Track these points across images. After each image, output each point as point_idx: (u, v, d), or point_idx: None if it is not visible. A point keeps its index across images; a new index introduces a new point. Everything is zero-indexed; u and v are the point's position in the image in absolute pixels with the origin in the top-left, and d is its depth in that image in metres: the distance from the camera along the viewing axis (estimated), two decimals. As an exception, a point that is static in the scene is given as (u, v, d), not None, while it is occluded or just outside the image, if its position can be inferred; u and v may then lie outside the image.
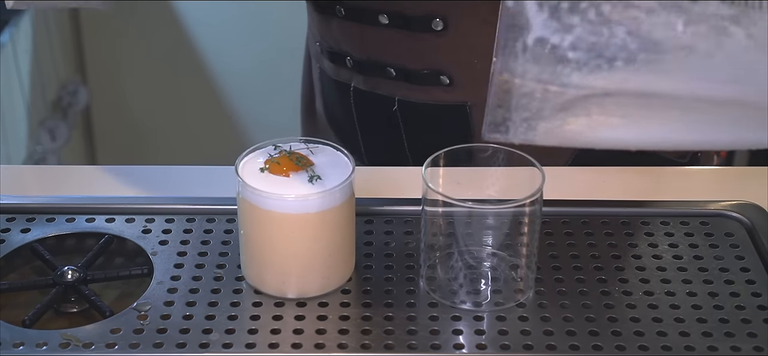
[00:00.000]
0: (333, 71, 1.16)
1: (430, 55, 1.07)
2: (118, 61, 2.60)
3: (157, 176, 1.09)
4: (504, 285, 0.85)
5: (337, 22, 1.12)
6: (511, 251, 0.85)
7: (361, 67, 1.12)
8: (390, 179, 1.06)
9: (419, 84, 1.09)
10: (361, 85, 1.13)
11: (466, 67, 1.07)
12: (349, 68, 1.13)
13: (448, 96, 1.09)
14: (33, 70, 2.30)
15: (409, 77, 1.09)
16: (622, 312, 0.85)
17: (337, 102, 1.18)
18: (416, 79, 1.09)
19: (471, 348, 0.81)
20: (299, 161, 0.86)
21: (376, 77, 1.11)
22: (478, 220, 0.84)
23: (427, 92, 1.09)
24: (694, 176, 1.12)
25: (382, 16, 1.07)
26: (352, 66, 1.13)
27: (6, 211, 0.96)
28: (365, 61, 1.11)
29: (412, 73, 1.09)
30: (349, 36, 1.11)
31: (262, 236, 0.85)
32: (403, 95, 1.11)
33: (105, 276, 0.90)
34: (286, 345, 0.81)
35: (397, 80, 1.10)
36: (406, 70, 1.09)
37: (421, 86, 1.09)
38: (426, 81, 1.09)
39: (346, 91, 1.15)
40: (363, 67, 1.12)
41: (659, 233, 0.95)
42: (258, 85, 2.54)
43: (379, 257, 0.91)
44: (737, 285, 0.88)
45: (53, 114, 2.41)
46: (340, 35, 1.12)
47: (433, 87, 1.09)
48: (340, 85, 1.15)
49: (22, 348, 0.80)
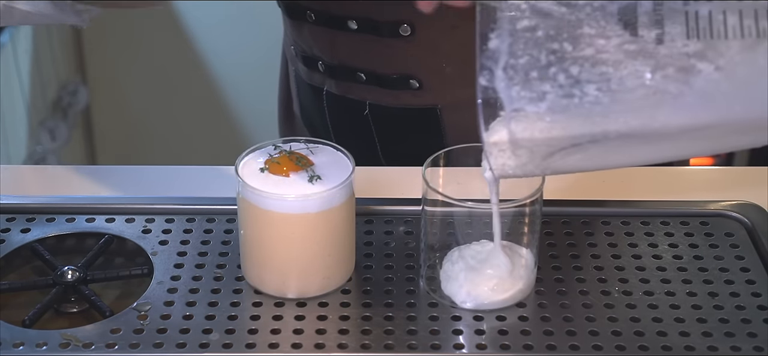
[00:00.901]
0: (307, 75, 1.17)
1: (399, 60, 1.08)
2: (118, 61, 2.60)
3: (157, 176, 1.09)
4: (504, 285, 0.84)
5: (308, 27, 1.12)
6: (511, 251, 0.85)
7: (332, 72, 1.13)
8: (390, 179, 1.06)
9: (389, 88, 1.10)
10: (334, 89, 1.14)
11: (435, 71, 1.08)
12: (322, 73, 1.14)
13: (418, 100, 1.09)
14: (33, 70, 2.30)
15: (379, 82, 1.10)
16: (622, 312, 0.85)
17: (311, 105, 1.18)
18: (386, 83, 1.09)
19: (471, 348, 0.81)
20: (299, 161, 0.86)
21: (347, 82, 1.12)
22: (478, 220, 0.84)
23: (397, 96, 1.10)
24: (694, 176, 1.12)
25: (351, 21, 1.07)
26: (324, 70, 1.13)
27: (6, 211, 0.96)
28: (336, 65, 1.12)
29: (382, 77, 1.09)
30: (320, 41, 1.12)
31: (262, 236, 0.85)
32: (374, 99, 1.11)
33: (105, 276, 0.90)
34: (286, 345, 0.81)
35: (367, 85, 1.11)
36: (376, 74, 1.10)
37: (391, 91, 1.10)
38: (396, 85, 1.10)
39: (319, 94, 1.16)
40: (334, 72, 1.12)
41: (659, 233, 0.95)
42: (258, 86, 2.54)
43: (379, 257, 0.91)
44: (737, 285, 0.88)
45: (53, 114, 2.41)
46: (312, 40, 1.13)
47: (402, 91, 1.09)
48: (314, 89, 1.16)
49: (22, 348, 0.80)
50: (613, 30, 0.73)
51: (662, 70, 0.73)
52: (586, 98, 0.73)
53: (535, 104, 0.73)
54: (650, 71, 0.72)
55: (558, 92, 0.73)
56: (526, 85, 0.73)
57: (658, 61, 0.73)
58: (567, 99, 0.73)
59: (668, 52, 0.73)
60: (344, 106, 1.14)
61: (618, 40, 0.73)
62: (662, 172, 1.10)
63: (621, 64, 0.73)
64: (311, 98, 1.18)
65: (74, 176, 1.09)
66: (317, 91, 1.16)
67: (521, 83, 0.73)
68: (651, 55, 0.73)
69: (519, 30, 0.73)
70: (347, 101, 1.13)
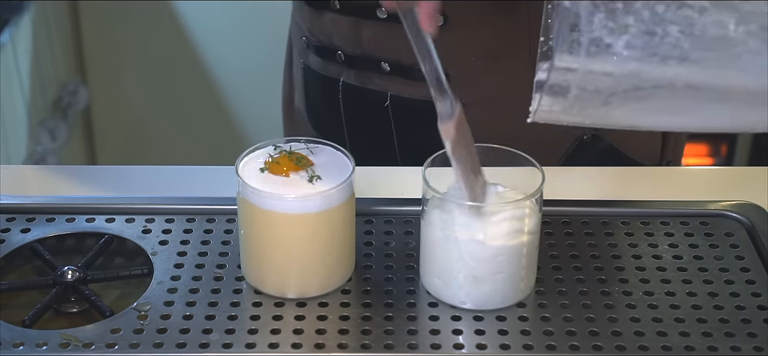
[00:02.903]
0: (320, 66, 1.16)
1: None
2: (118, 61, 2.60)
3: (157, 176, 1.09)
4: (504, 285, 0.85)
5: (330, 17, 1.11)
6: (511, 251, 0.85)
7: (352, 62, 1.12)
8: (390, 179, 1.05)
9: (414, 79, 1.09)
10: (352, 80, 1.13)
11: (464, 63, 1.07)
12: (340, 63, 1.13)
13: None
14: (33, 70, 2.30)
15: (404, 73, 1.09)
16: (622, 312, 0.85)
17: (322, 99, 1.17)
18: (412, 75, 1.09)
19: (471, 348, 0.81)
20: (299, 161, 0.86)
21: (368, 72, 1.11)
22: (477, 220, 0.84)
23: (421, 87, 1.09)
24: (694, 176, 1.12)
25: (380, 10, 1.06)
26: (343, 61, 1.12)
27: (6, 211, 0.96)
28: (358, 56, 1.11)
29: (408, 68, 1.09)
30: (343, 30, 1.11)
31: (262, 236, 0.85)
32: (397, 90, 1.11)
33: (105, 276, 0.90)
34: (286, 345, 0.81)
35: (391, 75, 1.10)
36: (402, 65, 1.09)
37: (416, 81, 1.09)
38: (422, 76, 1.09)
39: (334, 86, 1.14)
40: (355, 62, 1.12)
41: (659, 233, 0.95)
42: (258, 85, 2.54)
43: (379, 257, 0.91)
44: (737, 285, 0.88)
45: (53, 114, 2.41)
46: (333, 30, 1.12)
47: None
48: (328, 81, 1.15)
49: (22, 348, 0.80)
50: None
51: (745, 24, 0.72)
52: (667, 37, 0.72)
53: (615, 36, 0.72)
54: (734, 23, 0.71)
55: (640, 26, 0.72)
56: (611, 15, 0.72)
57: (742, 15, 0.72)
58: (648, 36, 0.72)
59: (753, 9, 0.72)
60: (363, 97, 1.13)
61: None
62: (662, 172, 1.10)
63: (706, 11, 0.72)
64: (323, 91, 1.16)
65: (74, 176, 1.09)
66: (332, 82, 1.15)
67: (606, 11, 0.72)
68: (737, 9, 0.72)
69: None
70: (367, 92, 1.12)
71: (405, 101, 1.11)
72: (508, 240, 0.83)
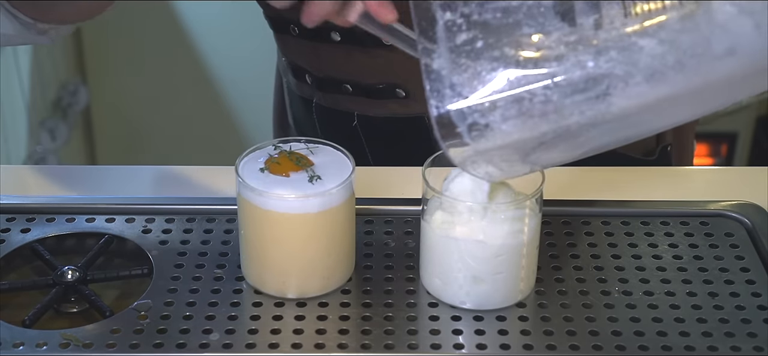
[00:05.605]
0: (297, 87, 1.17)
1: (384, 70, 1.08)
2: (118, 61, 2.60)
3: (157, 176, 1.09)
4: (504, 285, 0.85)
5: (293, 41, 1.12)
6: (511, 251, 0.85)
7: (320, 84, 1.13)
8: (390, 179, 1.05)
9: (376, 98, 1.10)
10: (322, 101, 1.14)
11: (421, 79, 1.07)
12: (310, 85, 1.14)
13: (405, 109, 1.09)
14: (33, 70, 2.30)
15: (365, 92, 1.10)
16: (622, 312, 0.85)
17: (303, 116, 1.18)
18: (373, 93, 1.09)
19: (471, 348, 0.81)
20: (299, 161, 0.86)
21: (334, 93, 1.12)
22: (477, 220, 0.84)
23: (384, 105, 1.10)
24: (694, 176, 1.12)
25: (334, 33, 1.07)
26: (312, 82, 1.13)
27: (6, 211, 0.96)
28: (323, 78, 1.12)
29: (369, 88, 1.09)
30: (306, 54, 1.12)
31: (262, 236, 0.85)
32: (362, 110, 1.11)
33: (105, 276, 0.90)
34: (286, 345, 0.81)
35: (354, 96, 1.11)
36: (362, 85, 1.10)
37: (378, 100, 1.10)
38: (382, 95, 1.09)
39: (309, 106, 1.16)
40: (322, 84, 1.13)
41: (659, 233, 0.95)
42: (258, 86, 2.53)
43: (379, 258, 0.91)
44: (737, 285, 0.88)
45: (53, 114, 2.41)
46: (298, 53, 1.13)
47: (389, 100, 1.09)
48: (304, 101, 1.17)
49: (22, 348, 0.80)
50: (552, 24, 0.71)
51: (605, 54, 0.71)
52: (535, 98, 0.72)
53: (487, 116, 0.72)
54: (592, 59, 0.71)
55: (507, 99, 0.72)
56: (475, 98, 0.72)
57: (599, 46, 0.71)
58: (517, 104, 0.72)
59: (608, 35, 0.71)
60: (333, 117, 1.14)
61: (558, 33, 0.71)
62: (662, 172, 1.10)
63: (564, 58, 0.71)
64: (303, 110, 1.18)
65: (74, 176, 1.09)
66: (307, 103, 1.16)
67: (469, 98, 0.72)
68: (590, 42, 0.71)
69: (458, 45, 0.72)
70: (336, 113, 1.13)
71: (371, 119, 1.11)
72: (508, 240, 0.83)
